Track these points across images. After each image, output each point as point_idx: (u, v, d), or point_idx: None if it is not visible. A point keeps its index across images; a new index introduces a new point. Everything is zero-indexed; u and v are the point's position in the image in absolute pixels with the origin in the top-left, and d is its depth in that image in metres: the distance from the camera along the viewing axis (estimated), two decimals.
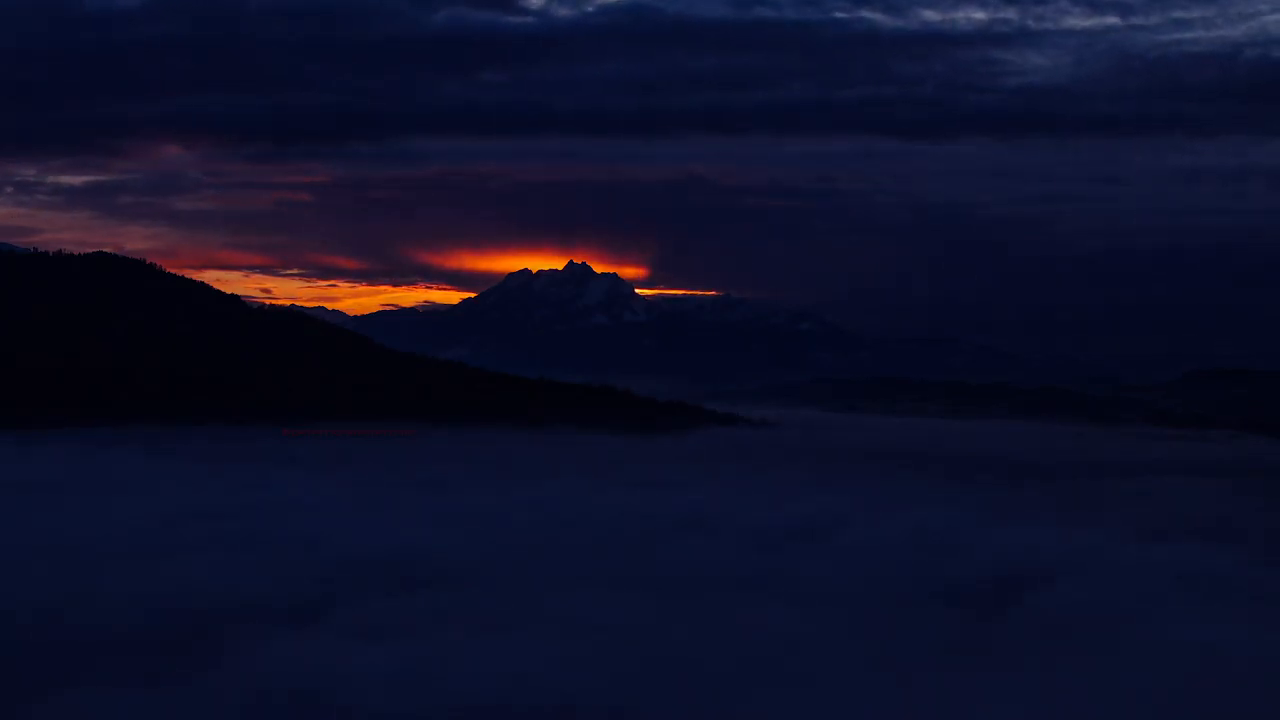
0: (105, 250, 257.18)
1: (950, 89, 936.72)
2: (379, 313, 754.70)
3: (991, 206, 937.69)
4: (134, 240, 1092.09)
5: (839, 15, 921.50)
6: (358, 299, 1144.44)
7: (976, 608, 68.92)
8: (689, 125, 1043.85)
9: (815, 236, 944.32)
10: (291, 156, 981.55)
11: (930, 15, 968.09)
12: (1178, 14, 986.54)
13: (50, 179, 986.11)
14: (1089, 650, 59.60)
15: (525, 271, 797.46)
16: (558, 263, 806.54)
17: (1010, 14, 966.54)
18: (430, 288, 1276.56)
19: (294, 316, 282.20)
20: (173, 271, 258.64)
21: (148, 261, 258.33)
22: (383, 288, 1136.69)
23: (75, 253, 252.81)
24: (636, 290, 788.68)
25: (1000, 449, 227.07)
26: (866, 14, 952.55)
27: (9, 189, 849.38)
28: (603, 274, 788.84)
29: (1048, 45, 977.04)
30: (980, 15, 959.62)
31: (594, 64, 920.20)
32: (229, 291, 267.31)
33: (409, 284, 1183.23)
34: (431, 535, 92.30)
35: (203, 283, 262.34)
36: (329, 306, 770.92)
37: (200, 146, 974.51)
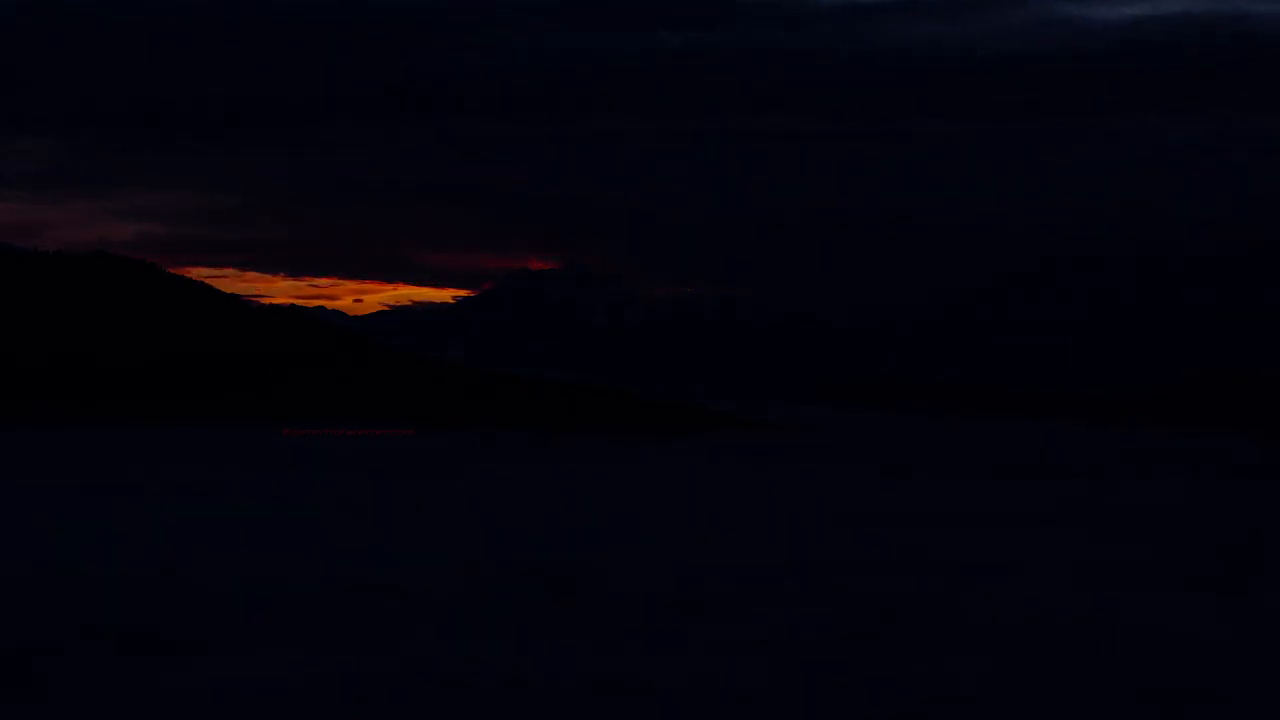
0: (105, 250, 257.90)
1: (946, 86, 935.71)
2: (379, 313, 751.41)
3: (990, 205, 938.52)
4: (134, 240, 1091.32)
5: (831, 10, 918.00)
6: (358, 299, 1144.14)
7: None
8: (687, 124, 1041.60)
9: (817, 237, 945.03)
10: (290, 156, 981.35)
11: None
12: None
13: (48, 178, 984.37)
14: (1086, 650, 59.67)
15: (525, 271, 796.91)
16: (558, 263, 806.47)
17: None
18: (429, 288, 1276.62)
19: (294, 316, 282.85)
20: (173, 271, 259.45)
21: (147, 261, 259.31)
22: (383, 287, 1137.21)
23: (75, 253, 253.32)
24: (636, 290, 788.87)
25: (1000, 449, 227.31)
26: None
27: (8, 187, 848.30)
28: (603, 274, 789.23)
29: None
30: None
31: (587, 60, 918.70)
32: (228, 291, 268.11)
33: (409, 284, 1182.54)
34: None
35: (202, 282, 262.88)
36: (329, 306, 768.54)
37: (201, 146, 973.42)
